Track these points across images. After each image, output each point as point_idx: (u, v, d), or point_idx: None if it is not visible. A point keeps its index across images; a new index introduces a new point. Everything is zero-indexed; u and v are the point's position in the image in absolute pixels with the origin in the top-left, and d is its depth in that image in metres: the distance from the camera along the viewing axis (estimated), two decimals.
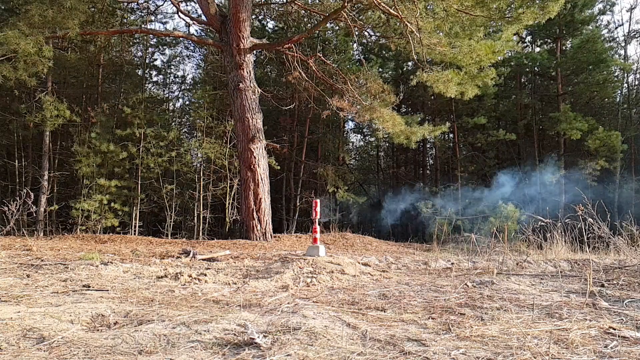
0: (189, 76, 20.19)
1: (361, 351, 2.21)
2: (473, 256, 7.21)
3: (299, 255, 6.26)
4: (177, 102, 19.63)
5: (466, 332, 2.57)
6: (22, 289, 3.82)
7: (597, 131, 14.90)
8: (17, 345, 2.30)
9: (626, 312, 3.15)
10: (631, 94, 18.80)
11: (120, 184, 13.31)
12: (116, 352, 2.20)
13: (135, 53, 17.33)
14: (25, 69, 9.65)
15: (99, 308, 3.05)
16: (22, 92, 12.78)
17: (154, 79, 18.72)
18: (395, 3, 9.23)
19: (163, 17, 17.63)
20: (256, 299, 3.61)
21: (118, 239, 10.47)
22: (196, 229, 14.26)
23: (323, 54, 14.64)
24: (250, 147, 10.81)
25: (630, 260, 5.94)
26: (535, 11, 9.24)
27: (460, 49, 10.08)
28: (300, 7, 13.65)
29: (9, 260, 5.87)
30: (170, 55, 18.33)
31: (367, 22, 12.36)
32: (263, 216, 10.85)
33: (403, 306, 3.35)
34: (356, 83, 11.92)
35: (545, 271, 5.46)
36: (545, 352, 2.17)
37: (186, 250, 7.75)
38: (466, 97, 11.25)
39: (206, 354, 2.20)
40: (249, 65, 11.02)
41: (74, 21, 9.48)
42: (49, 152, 13.34)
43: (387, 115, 11.32)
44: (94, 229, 12.62)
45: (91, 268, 5.04)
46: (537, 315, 3.03)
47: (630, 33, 18.65)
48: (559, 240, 7.26)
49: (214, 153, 13.85)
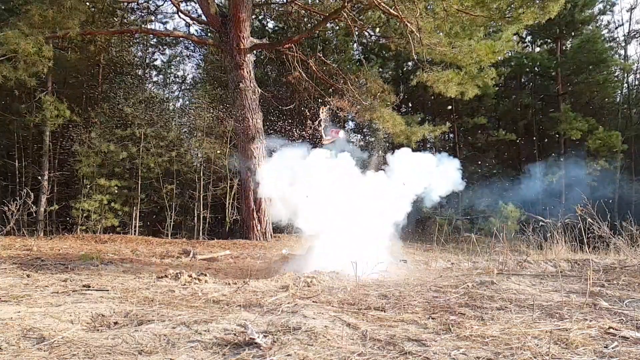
0: (189, 76, 20.13)
1: (361, 351, 2.20)
2: (473, 256, 7.21)
3: (299, 255, 6.27)
4: (177, 102, 19.63)
5: (466, 332, 2.57)
6: (22, 289, 3.82)
7: (597, 131, 14.90)
8: (17, 345, 2.30)
9: (626, 312, 3.15)
10: (631, 94, 18.78)
11: (120, 184, 13.31)
12: (116, 352, 2.20)
13: (135, 53, 17.32)
14: (25, 69, 9.65)
15: (99, 308, 3.05)
16: (22, 92, 12.77)
17: (154, 79, 18.73)
18: (395, 3, 9.23)
19: (163, 17, 17.60)
20: (256, 299, 3.60)
21: (118, 239, 10.48)
22: (196, 229, 14.26)
23: (323, 54, 14.64)
24: (250, 147, 10.81)
25: (630, 260, 5.94)
26: (535, 11, 9.24)
27: (460, 49, 10.08)
28: (300, 7, 13.65)
29: (9, 260, 5.87)
30: (170, 55, 18.34)
31: (367, 22, 12.36)
32: (263, 216, 10.85)
33: (403, 306, 3.35)
34: (356, 83, 11.93)
35: (546, 271, 5.46)
36: (545, 352, 2.17)
37: (186, 250, 7.76)
38: (466, 97, 11.26)
39: (206, 354, 2.20)
40: (249, 65, 11.02)
41: (74, 21, 9.48)
42: (49, 152, 13.34)
43: (387, 115, 11.33)
44: (94, 229, 12.61)
45: (91, 268, 5.05)
46: (538, 315, 3.03)
47: (630, 33, 18.64)
48: (559, 240, 7.26)
49: (214, 153, 13.85)
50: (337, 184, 5.56)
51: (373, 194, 5.71)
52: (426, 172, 6.06)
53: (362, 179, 5.90)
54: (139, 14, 15.67)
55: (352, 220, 5.47)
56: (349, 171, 5.85)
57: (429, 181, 6.07)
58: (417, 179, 5.98)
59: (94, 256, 6.36)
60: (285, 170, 5.73)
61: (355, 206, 5.57)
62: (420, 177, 6.00)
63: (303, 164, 5.72)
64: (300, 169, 5.66)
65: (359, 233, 5.45)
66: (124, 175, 13.72)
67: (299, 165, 5.74)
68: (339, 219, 5.43)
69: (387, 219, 5.81)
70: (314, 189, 5.44)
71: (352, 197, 5.56)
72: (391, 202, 5.81)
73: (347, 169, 5.85)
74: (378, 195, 5.73)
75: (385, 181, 5.93)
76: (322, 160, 5.84)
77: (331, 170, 5.70)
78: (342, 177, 5.68)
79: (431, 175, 6.08)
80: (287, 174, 5.70)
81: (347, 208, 5.50)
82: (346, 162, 5.96)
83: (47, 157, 13.21)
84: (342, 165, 5.90)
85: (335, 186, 5.53)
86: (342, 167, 5.85)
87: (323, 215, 5.42)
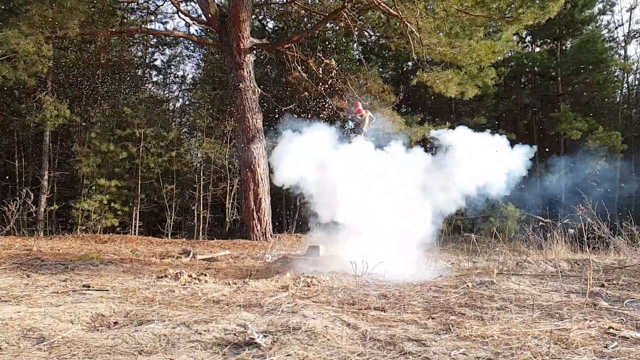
0: (189, 76, 20.16)
1: (361, 351, 2.20)
2: (473, 256, 7.21)
3: (299, 255, 6.27)
4: (177, 102, 19.64)
5: (466, 332, 2.57)
6: (22, 289, 3.82)
7: (597, 131, 14.88)
8: (17, 345, 2.30)
9: (626, 312, 3.15)
10: (631, 94, 18.75)
11: (120, 184, 13.31)
12: (116, 352, 2.20)
13: (135, 53, 17.32)
14: (25, 69, 9.65)
15: (99, 308, 3.05)
16: (22, 92, 12.76)
17: (154, 79, 18.74)
18: (395, 3, 9.23)
19: (163, 17, 17.61)
20: (256, 299, 3.60)
21: (118, 239, 10.48)
22: (196, 229, 14.25)
23: (323, 54, 14.64)
24: (250, 147, 10.81)
25: (630, 260, 5.94)
26: (535, 11, 9.24)
27: (460, 49, 10.09)
28: (300, 7, 13.65)
29: (9, 260, 5.87)
30: (170, 55, 18.35)
31: (367, 22, 12.36)
32: (263, 216, 10.85)
33: (403, 306, 3.35)
34: (356, 83, 11.93)
35: (546, 271, 5.46)
36: (545, 352, 2.17)
37: (186, 250, 7.76)
38: (466, 97, 11.26)
39: (206, 354, 2.20)
40: (249, 65, 11.02)
41: (74, 21, 9.48)
42: (49, 152, 13.33)
43: (387, 115, 11.33)
44: (94, 229, 12.61)
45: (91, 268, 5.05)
46: (538, 315, 3.03)
47: (630, 33, 18.62)
48: (559, 240, 7.25)
49: (214, 153, 13.84)
50: (379, 176, 5.13)
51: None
52: (495, 160, 5.08)
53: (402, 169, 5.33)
54: (139, 14, 15.68)
55: (384, 215, 5.06)
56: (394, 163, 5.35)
57: (498, 172, 5.13)
58: (481, 166, 5.08)
59: (94, 256, 6.36)
60: (311, 154, 5.29)
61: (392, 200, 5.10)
62: (485, 164, 5.09)
63: (344, 153, 5.28)
64: (334, 156, 5.24)
65: (392, 229, 5.03)
66: (123, 175, 13.71)
67: (334, 151, 5.34)
68: (375, 211, 5.05)
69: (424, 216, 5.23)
70: (359, 179, 5.03)
71: (389, 190, 5.11)
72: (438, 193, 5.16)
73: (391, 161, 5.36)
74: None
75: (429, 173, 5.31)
76: (366, 151, 5.40)
77: (376, 162, 5.23)
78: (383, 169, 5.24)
79: (501, 165, 5.15)
80: (315, 158, 5.27)
81: (384, 201, 5.07)
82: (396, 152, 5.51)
83: (47, 157, 13.20)
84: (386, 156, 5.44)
85: (377, 178, 5.12)
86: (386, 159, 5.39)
87: (360, 206, 5.00)
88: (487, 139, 5.47)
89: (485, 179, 5.29)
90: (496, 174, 5.30)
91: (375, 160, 5.50)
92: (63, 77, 14.36)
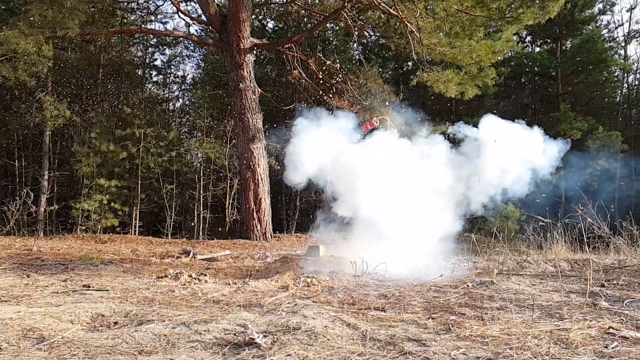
0: (189, 76, 20.16)
1: (361, 351, 2.20)
2: (473, 256, 7.20)
3: (299, 255, 6.27)
4: (177, 102, 19.65)
5: (466, 332, 2.57)
6: (22, 289, 3.82)
7: (597, 131, 14.88)
8: (17, 345, 2.30)
9: (626, 312, 3.15)
10: (631, 94, 18.75)
11: (120, 184, 13.30)
12: (116, 352, 2.20)
13: (135, 53, 17.32)
14: (25, 69, 9.65)
15: (99, 308, 3.05)
16: (22, 92, 12.76)
17: (154, 79, 18.74)
18: (395, 3, 9.23)
19: (163, 17, 17.59)
20: (256, 299, 3.60)
21: (118, 239, 10.48)
22: (196, 229, 14.25)
23: (323, 54, 14.63)
24: (250, 147, 10.81)
25: (630, 260, 5.94)
26: (535, 11, 9.24)
27: (460, 49, 10.09)
28: (300, 7, 13.65)
29: (9, 260, 5.87)
30: (170, 55, 18.35)
31: (367, 22, 12.36)
32: (263, 216, 10.85)
33: (403, 306, 3.35)
34: (356, 83, 11.93)
35: (545, 271, 5.46)
36: (545, 352, 2.17)
37: (186, 250, 7.75)
38: (466, 97, 11.26)
39: (206, 354, 2.20)
40: (249, 65, 11.02)
41: (74, 21, 9.47)
42: (49, 152, 13.33)
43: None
44: (94, 229, 12.61)
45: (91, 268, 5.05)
46: (538, 315, 3.03)
47: (630, 33, 18.62)
48: (559, 240, 7.25)
49: (214, 153, 13.84)
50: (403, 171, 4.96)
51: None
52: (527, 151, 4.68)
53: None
54: (139, 14, 15.67)
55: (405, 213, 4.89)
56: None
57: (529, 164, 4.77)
58: (514, 159, 4.72)
59: (94, 256, 6.36)
60: (327, 148, 5.13)
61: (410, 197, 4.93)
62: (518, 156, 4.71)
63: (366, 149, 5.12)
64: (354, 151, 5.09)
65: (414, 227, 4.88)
66: (123, 175, 13.71)
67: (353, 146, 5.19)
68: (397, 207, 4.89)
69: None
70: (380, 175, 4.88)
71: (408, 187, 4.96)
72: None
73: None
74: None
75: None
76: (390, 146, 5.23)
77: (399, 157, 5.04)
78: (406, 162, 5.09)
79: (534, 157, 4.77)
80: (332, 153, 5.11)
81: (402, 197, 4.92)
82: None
83: (47, 157, 13.20)
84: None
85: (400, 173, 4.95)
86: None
87: (383, 201, 4.85)
88: (519, 130, 5.09)
89: (513, 176, 4.98)
90: (523, 171, 5.00)
91: (400, 154, 5.34)
92: (63, 77, 14.36)
